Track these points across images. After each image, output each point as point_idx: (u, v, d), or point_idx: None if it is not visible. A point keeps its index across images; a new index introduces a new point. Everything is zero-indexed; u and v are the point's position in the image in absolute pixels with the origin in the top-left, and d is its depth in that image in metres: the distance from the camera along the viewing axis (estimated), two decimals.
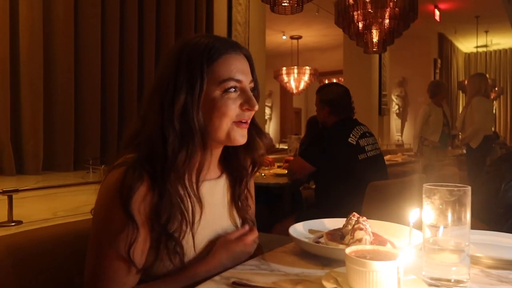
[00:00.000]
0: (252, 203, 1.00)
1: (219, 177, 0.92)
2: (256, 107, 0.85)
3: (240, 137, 0.85)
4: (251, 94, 0.85)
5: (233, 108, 0.82)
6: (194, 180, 0.83)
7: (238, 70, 0.84)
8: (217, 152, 0.90)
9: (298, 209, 2.77)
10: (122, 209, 0.74)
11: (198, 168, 0.84)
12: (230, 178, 0.94)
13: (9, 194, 1.40)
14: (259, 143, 0.91)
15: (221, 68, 0.82)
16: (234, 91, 0.83)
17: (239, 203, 0.94)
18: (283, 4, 3.10)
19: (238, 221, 0.94)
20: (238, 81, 0.83)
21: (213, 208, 0.89)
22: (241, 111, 0.83)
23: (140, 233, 0.76)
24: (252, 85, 0.88)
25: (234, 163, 0.93)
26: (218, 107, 0.81)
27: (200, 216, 0.84)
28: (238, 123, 0.84)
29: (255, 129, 0.90)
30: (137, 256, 0.77)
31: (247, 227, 0.90)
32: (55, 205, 1.68)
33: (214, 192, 0.90)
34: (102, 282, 0.76)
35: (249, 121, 0.86)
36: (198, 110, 0.79)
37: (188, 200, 0.81)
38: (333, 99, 2.34)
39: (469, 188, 0.65)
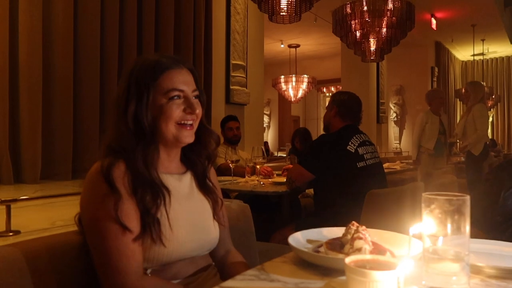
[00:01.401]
0: (217, 189, 1.16)
1: (184, 173, 1.08)
2: (197, 111, 1.01)
3: (186, 137, 1.01)
4: (193, 100, 1.01)
5: (177, 112, 0.99)
6: (156, 171, 0.98)
7: (180, 82, 1.00)
8: (176, 151, 1.06)
9: (297, 217, 2.77)
10: (104, 182, 0.89)
11: (160, 161, 1.01)
12: (193, 173, 1.10)
13: (8, 204, 1.40)
14: (210, 139, 1.10)
15: (165, 81, 0.98)
16: (178, 98, 0.99)
17: (205, 188, 1.10)
18: (281, 14, 3.12)
19: (210, 203, 1.10)
20: (181, 90, 0.99)
21: (184, 197, 1.04)
22: (184, 115, 0.99)
23: (124, 200, 0.89)
24: (196, 93, 1.03)
25: (193, 159, 1.10)
26: (164, 112, 0.97)
27: (170, 200, 0.97)
28: (183, 125, 1.00)
29: (204, 129, 1.08)
30: (127, 220, 0.88)
31: None
32: (54, 214, 1.68)
33: (181, 184, 1.05)
34: (107, 253, 0.87)
35: (194, 124, 1.02)
36: (146, 114, 0.96)
37: (155, 184, 0.96)
38: (344, 100, 2.37)
39: (468, 197, 0.65)
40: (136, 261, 0.89)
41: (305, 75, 8.93)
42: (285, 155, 4.94)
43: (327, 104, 2.53)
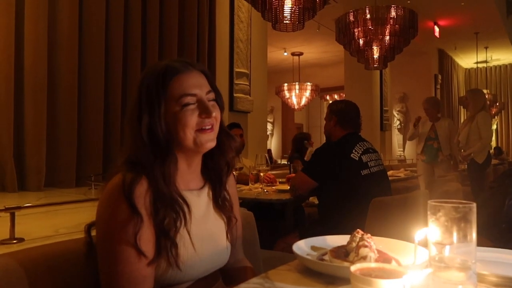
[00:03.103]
0: (235, 202, 1.10)
1: (202, 187, 1.03)
2: (214, 114, 0.95)
3: (207, 141, 0.95)
4: (207, 104, 0.95)
5: (192, 118, 0.93)
6: (177, 184, 0.94)
7: (191, 85, 0.95)
8: (197, 161, 1.01)
9: (301, 225, 2.75)
10: (126, 202, 0.83)
11: (180, 174, 0.96)
12: (211, 184, 1.04)
13: (12, 211, 1.40)
14: (230, 146, 1.03)
15: (175, 88, 0.93)
16: (192, 103, 0.94)
17: (221, 204, 1.04)
18: (284, 22, 3.13)
19: (225, 220, 1.04)
20: (193, 94, 0.94)
21: (200, 216, 0.99)
22: (201, 119, 0.94)
23: (144, 224, 0.84)
24: (211, 95, 0.98)
25: (213, 167, 1.04)
26: (179, 119, 0.93)
27: (190, 219, 0.93)
28: (201, 130, 0.94)
29: (225, 134, 1.02)
30: (144, 245, 0.84)
31: None
32: (57, 222, 1.68)
33: (199, 201, 1.00)
34: (117, 276, 0.83)
35: (214, 127, 0.97)
36: (161, 125, 0.92)
37: (177, 201, 0.91)
38: (341, 109, 2.38)
39: (474, 204, 0.64)
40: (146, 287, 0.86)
41: (308, 83, 8.95)
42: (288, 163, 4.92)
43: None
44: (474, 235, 0.65)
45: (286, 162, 8.30)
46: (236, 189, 1.15)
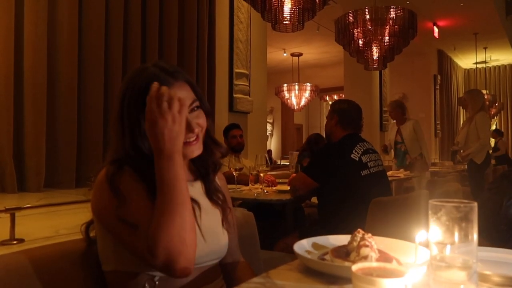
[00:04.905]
0: (226, 193, 1.13)
1: (194, 180, 1.05)
2: (196, 130, 0.95)
3: (192, 151, 0.97)
4: (189, 119, 0.94)
5: None
6: None
7: None
8: (185, 161, 1.01)
9: (301, 226, 2.75)
10: (109, 185, 0.87)
11: None
12: (202, 181, 1.06)
13: (12, 212, 1.40)
14: (215, 150, 1.06)
15: None
16: None
17: (213, 195, 1.06)
18: (284, 22, 3.13)
19: (219, 209, 1.06)
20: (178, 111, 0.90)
21: (196, 203, 0.99)
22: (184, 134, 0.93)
23: (132, 198, 0.86)
24: (196, 103, 0.97)
25: (201, 165, 1.06)
26: None
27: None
28: (186, 143, 0.93)
29: (210, 140, 1.04)
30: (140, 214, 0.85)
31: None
32: (57, 222, 1.68)
33: (194, 189, 1.01)
34: (133, 245, 0.84)
35: (199, 136, 0.97)
36: (143, 143, 0.91)
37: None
38: (343, 109, 2.37)
39: (476, 204, 0.64)
40: None
41: (308, 84, 8.95)
42: (288, 164, 4.91)
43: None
44: (475, 234, 0.65)
45: (286, 163, 8.30)
46: (225, 182, 1.17)
